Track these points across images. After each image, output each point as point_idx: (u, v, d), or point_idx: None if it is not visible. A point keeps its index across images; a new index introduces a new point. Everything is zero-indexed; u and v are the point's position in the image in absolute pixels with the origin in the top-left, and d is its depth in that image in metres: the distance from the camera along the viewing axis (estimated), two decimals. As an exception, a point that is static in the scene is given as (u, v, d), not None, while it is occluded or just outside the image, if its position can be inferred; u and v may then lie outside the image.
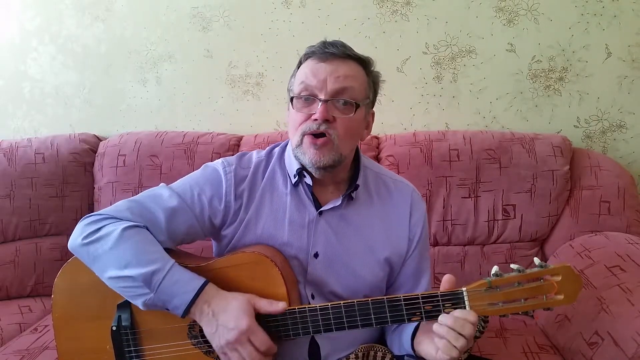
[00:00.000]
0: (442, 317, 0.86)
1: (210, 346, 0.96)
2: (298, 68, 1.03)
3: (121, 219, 0.97)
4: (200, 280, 0.92)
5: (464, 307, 0.88)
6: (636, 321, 1.08)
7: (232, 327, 0.88)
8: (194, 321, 0.97)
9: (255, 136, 1.81)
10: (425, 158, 1.63)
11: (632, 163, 1.79)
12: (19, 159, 1.80)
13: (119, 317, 0.98)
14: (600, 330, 1.15)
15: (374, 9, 1.81)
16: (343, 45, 0.99)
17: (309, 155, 0.97)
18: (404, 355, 1.00)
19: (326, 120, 0.95)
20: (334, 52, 0.97)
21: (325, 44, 0.98)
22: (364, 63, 1.02)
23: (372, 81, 1.04)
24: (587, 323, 1.20)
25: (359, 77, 1.00)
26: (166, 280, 0.90)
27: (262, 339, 0.89)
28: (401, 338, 1.01)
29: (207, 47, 1.93)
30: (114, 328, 0.98)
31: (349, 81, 0.97)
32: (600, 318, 1.17)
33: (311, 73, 0.97)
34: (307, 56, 1.01)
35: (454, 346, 0.83)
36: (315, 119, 0.95)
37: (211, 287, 0.92)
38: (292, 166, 1.05)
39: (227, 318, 0.89)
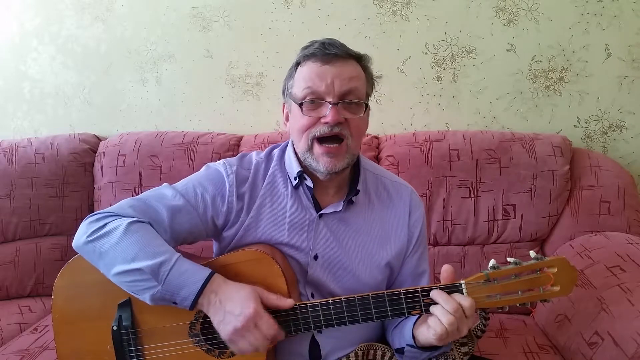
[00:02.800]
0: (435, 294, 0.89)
1: (211, 344, 0.97)
2: (296, 70, 1.02)
3: (125, 216, 0.97)
4: (207, 270, 0.92)
5: None
6: (636, 321, 1.08)
7: (238, 313, 0.88)
8: (195, 320, 0.97)
9: (255, 136, 1.81)
10: (425, 158, 1.63)
11: (632, 163, 1.80)
12: (19, 159, 1.80)
13: (120, 316, 0.98)
14: (600, 330, 1.15)
15: (374, 9, 1.81)
16: (342, 44, 0.99)
17: (323, 163, 0.97)
18: (403, 348, 1.00)
19: (338, 123, 0.95)
20: (335, 52, 0.96)
21: (324, 45, 0.97)
22: (361, 60, 1.02)
23: (370, 77, 1.04)
24: (587, 323, 1.20)
25: (361, 76, 1.00)
26: (173, 271, 0.90)
27: (269, 323, 0.89)
28: (402, 331, 1.02)
29: (207, 47, 1.93)
30: (115, 328, 0.98)
31: (354, 82, 0.97)
32: (600, 318, 1.17)
33: (317, 77, 0.96)
34: (307, 58, 0.99)
35: (441, 321, 0.85)
36: (327, 122, 0.95)
37: (218, 277, 0.92)
38: (293, 168, 1.05)
39: (233, 305, 0.89)
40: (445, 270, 0.92)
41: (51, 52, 2.02)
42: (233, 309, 0.88)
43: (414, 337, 0.96)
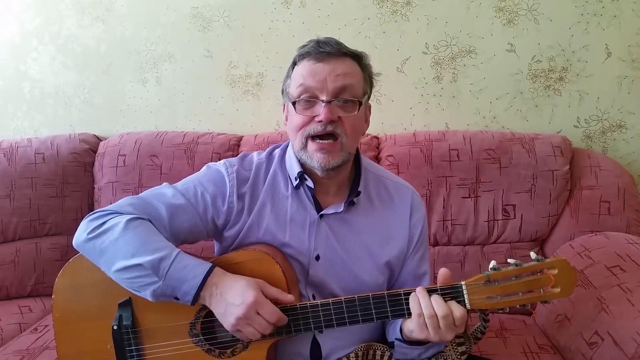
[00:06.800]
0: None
1: (211, 344, 0.97)
2: (292, 69, 1.02)
3: (124, 214, 0.97)
4: (207, 264, 0.92)
5: (463, 301, 0.89)
6: (636, 321, 1.08)
7: (240, 302, 0.88)
8: (195, 319, 0.97)
9: (255, 136, 1.81)
10: (425, 158, 1.63)
11: (632, 163, 1.79)
12: (19, 159, 1.80)
13: (120, 316, 0.98)
14: (600, 330, 1.15)
15: (374, 9, 1.81)
16: (337, 43, 0.98)
17: (317, 159, 0.97)
18: (393, 341, 1.01)
19: (331, 121, 0.95)
20: (329, 51, 0.96)
21: (319, 43, 0.97)
22: (358, 58, 1.02)
23: (368, 75, 1.04)
24: (587, 323, 1.20)
25: (356, 73, 1.00)
26: (174, 266, 0.90)
27: (270, 310, 0.89)
28: (395, 324, 1.02)
29: (207, 47, 1.93)
30: (115, 327, 0.98)
31: (348, 79, 0.97)
32: (600, 318, 1.17)
33: (309, 74, 0.96)
34: (302, 57, 0.99)
35: (426, 325, 0.87)
36: (320, 121, 0.95)
37: (218, 270, 0.93)
38: (294, 169, 1.05)
39: (233, 295, 0.89)
40: (442, 275, 0.92)
41: (51, 52, 2.02)
42: (234, 299, 0.88)
43: (401, 330, 0.96)
